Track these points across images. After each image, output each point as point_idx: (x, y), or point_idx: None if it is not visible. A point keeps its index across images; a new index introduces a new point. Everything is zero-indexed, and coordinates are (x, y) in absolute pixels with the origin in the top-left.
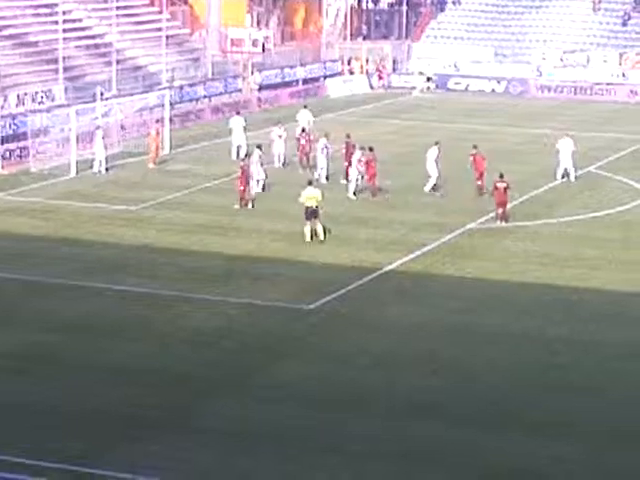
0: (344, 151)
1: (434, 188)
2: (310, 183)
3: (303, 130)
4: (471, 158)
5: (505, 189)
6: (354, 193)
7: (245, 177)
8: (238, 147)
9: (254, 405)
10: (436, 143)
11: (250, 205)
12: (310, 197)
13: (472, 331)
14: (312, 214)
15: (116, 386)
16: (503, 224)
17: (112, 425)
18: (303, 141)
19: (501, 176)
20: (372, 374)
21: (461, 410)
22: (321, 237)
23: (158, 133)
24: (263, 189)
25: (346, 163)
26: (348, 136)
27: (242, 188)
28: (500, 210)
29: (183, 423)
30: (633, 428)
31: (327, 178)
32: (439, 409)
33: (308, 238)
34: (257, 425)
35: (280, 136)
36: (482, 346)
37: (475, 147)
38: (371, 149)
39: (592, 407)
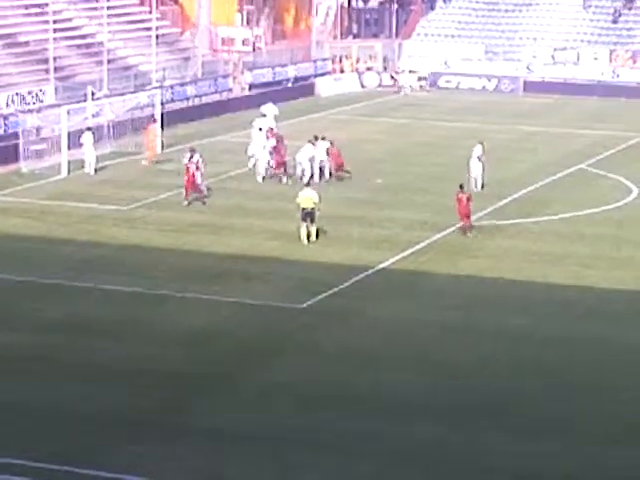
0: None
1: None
2: (308, 184)
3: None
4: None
5: (468, 200)
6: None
7: (192, 176)
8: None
9: (246, 404)
10: (316, 139)
11: (186, 202)
12: (306, 198)
13: (465, 329)
14: (308, 215)
15: (111, 386)
16: (469, 235)
17: (108, 425)
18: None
19: (461, 187)
20: (365, 372)
21: (452, 409)
22: (313, 239)
23: (153, 132)
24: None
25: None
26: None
27: (187, 186)
28: (464, 222)
29: (178, 423)
30: (629, 426)
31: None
32: (431, 408)
33: (304, 239)
34: (252, 424)
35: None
36: (475, 344)
37: (332, 143)
38: (280, 138)
39: (587, 405)
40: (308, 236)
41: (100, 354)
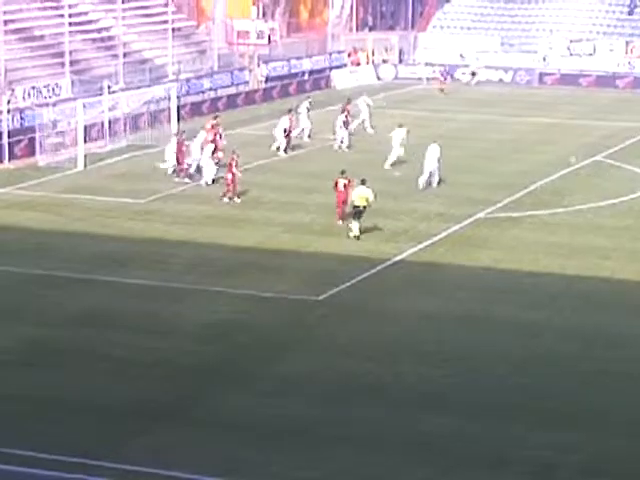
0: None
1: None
2: (363, 182)
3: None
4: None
5: (345, 186)
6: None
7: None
8: (303, 129)
9: (262, 397)
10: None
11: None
12: (361, 196)
13: (481, 321)
14: (358, 214)
15: (124, 379)
16: (340, 223)
17: (123, 417)
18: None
19: (342, 172)
20: (381, 365)
21: (469, 401)
22: (354, 234)
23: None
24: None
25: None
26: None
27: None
28: (339, 208)
29: (193, 415)
30: None
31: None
32: (448, 400)
33: (355, 234)
34: (267, 416)
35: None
36: (491, 336)
37: (216, 117)
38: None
39: (604, 396)
40: (351, 231)
41: (115, 347)
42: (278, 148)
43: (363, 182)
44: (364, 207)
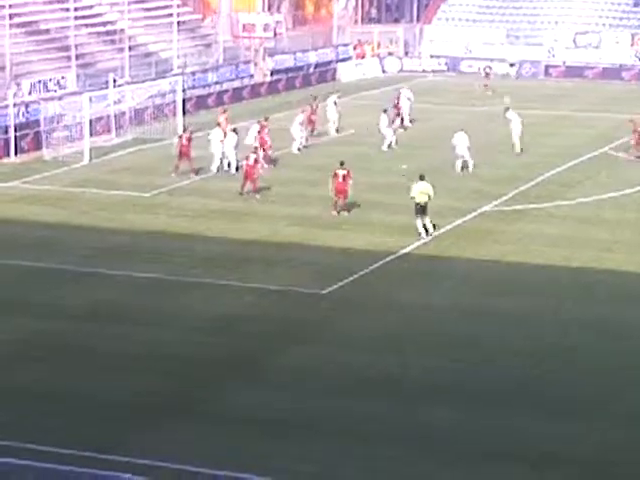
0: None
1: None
2: (422, 178)
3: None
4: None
5: (344, 177)
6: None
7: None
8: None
9: (266, 390)
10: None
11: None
12: (423, 192)
13: (487, 313)
14: (421, 210)
15: (128, 373)
16: (345, 214)
17: (123, 412)
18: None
19: (342, 164)
20: (387, 358)
21: (475, 392)
22: (431, 231)
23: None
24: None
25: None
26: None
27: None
28: (338, 199)
29: (196, 410)
30: None
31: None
32: (453, 392)
33: (423, 234)
34: (269, 410)
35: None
36: (497, 328)
37: (267, 118)
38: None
39: (607, 387)
40: (426, 230)
41: (121, 340)
42: (304, 146)
43: (422, 178)
44: (426, 203)
